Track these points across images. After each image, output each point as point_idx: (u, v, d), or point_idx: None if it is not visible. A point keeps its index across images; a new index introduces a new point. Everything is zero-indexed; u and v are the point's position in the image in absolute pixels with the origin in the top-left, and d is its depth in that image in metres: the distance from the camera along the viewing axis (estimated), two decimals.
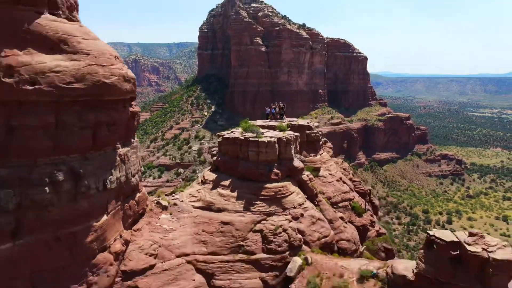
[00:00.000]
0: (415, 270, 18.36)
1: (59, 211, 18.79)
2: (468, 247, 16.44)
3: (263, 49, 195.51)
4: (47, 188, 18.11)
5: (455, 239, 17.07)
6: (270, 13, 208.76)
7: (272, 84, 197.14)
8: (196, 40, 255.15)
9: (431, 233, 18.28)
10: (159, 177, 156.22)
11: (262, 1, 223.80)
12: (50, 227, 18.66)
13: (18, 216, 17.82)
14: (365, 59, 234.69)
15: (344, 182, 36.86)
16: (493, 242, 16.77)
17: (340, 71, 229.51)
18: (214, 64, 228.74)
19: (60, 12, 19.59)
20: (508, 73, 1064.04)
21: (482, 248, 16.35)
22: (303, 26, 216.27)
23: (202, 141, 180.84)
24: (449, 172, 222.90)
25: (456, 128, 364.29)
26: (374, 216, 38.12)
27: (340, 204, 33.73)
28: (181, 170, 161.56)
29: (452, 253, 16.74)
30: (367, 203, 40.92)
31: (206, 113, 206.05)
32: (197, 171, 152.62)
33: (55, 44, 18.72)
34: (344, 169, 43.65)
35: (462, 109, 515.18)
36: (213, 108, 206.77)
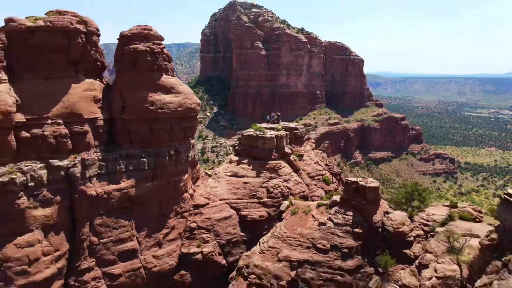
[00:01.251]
0: (340, 196, 41.01)
1: (170, 170, 41.72)
2: (359, 182, 38.89)
3: (263, 52, 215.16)
4: (166, 158, 40.98)
5: (355, 180, 39.56)
6: (270, 18, 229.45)
7: (272, 86, 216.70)
8: (197, 41, 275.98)
9: (347, 179, 41.01)
10: None
11: (262, 6, 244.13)
12: (166, 177, 41.56)
13: (153, 171, 40.71)
14: (361, 61, 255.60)
15: (319, 164, 59.74)
16: (370, 179, 39.54)
17: (338, 73, 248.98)
18: (216, 67, 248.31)
19: (169, 72, 42.53)
20: (507, 73, 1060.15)
21: (365, 182, 38.85)
22: (301, 30, 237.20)
23: (205, 140, 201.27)
24: (442, 171, 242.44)
25: (453, 128, 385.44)
26: (340, 187, 60.99)
27: (315, 177, 56.64)
28: None
29: (354, 186, 39.29)
30: (338, 180, 64.01)
31: (208, 114, 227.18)
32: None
33: (168, 89, 41.65)
34: (323, 157, 66.71)
35: (459, 109, 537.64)
36: (215, 109, 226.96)
